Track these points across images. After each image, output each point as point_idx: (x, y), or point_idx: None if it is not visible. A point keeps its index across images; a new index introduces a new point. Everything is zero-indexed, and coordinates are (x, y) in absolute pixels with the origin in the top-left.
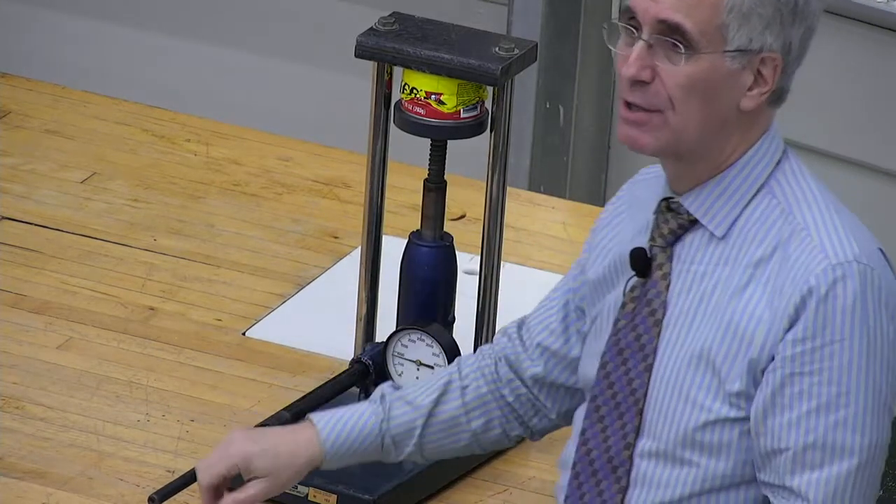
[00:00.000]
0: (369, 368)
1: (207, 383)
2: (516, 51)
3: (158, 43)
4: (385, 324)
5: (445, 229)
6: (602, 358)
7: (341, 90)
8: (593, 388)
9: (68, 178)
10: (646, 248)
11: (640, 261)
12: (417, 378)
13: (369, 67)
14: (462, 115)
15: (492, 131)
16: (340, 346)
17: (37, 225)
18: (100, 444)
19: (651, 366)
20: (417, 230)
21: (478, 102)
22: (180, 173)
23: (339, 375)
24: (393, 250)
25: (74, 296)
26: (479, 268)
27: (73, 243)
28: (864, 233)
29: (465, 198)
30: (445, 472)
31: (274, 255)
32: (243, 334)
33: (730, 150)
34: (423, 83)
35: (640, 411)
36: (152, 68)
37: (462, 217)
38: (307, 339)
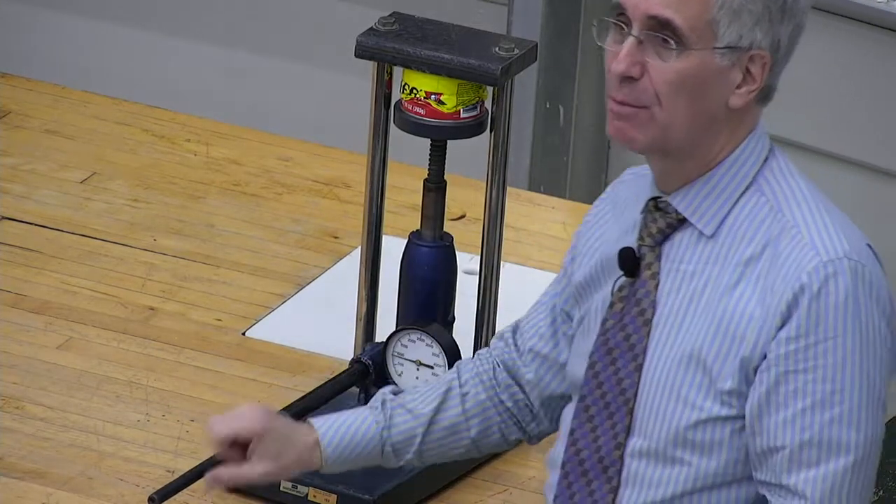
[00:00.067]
0: (369, 368)
1: (207, 383)
2: (516, 51)
3: (158, 43)
4: (385, 324)
5: (445, 229)
6: (590, 358)
7: (341, 90)
8: (582, 388)
9: (68, 178)
10: (634, 248)
11: (629, 260)
12: (417, 378)
13: (369, 67)
14: (462, 115)
15: (492, 131)
16: (340, 346)
17: (37, 225)
18: (100, 444)
19: (641, 365)
20: (417, 230)
21: (478, 102)
22: (180, 173)
23: (339, 375)
24: (393, 250)
25: (74, 296)
26: (479, 268)
27: (73, 243)
28: (852, 229)
29: (465, 198)
30: (445, 472)
31: (274, 255)
32: (243, 334)
33: (718, 149)
34: (423, 83)
35: (631, 411)
36: (152, 68)
37: (462, 217)
38: (307, 339)
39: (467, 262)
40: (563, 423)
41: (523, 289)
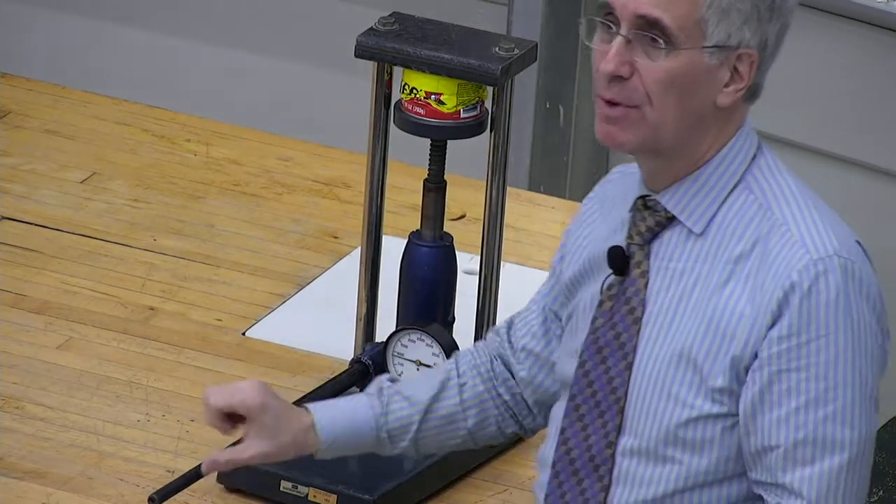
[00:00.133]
0: (369, 368)
1: (207, 383)
2: (516, 51)
3: (158, 43)
4: (385, 324)
5: (445, 229)
6: (580, 356)
7: (341, 90)
8: (572, 388)
9: (68, 178)
10: (623, 246)
11: (618, 259)
12: None
13: (369, 67)
14: (462, 115)
15: (492, 131)
16: (340, 346)
17: (37, 225)
18: (100, 444)
19: (631, 364)
20: (417, 230)
21: (478, 102)
22: (180, 173)
23: (339, 375)
24: (393, 250)
25: (74, 296)
26: (479, 268)
27: (73, 243)
28: (841, 226)
29: (465, 198)
30: (445, 472)
31: (274, 255)
32: (243, 334)
33: (706, 147)
34: (423, 83)
35: (622, 409)
36: (152, 68)
37: (462, 217)
38: (307, 339)
39: (467, 262)
40: (552, 421)
41: (523, 289)
